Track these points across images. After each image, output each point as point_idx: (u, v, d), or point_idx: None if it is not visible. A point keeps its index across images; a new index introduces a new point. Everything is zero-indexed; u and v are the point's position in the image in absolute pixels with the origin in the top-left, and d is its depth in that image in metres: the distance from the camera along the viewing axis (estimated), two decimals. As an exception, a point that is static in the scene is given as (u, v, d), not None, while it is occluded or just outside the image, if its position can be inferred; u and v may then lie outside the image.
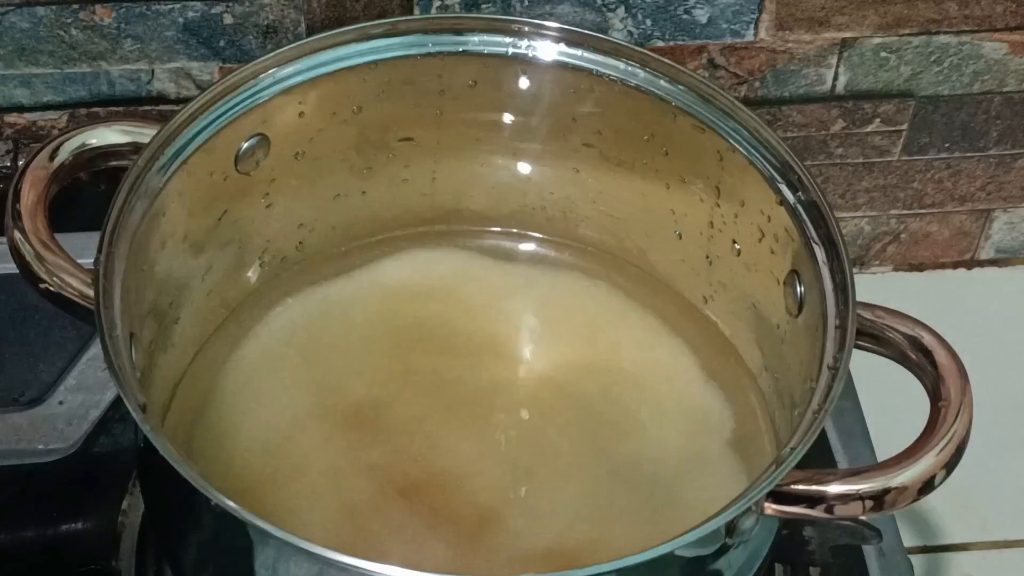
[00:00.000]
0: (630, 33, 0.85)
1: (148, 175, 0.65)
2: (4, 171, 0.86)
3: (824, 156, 0.92)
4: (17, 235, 0.62)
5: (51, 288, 0.62)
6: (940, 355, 0.61)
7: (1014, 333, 0.96)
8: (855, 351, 0.61)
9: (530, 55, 0.72)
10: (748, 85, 0.88)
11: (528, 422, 0.71)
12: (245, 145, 0.69)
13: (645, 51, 0.71)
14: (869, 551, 0.73)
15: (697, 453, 0.71)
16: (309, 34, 0.83)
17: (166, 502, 0.61)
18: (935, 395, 0.60)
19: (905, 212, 0.96)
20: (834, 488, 0.58)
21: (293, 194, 0.74)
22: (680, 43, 0.85)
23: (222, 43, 0.83)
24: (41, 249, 0.62)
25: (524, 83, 0.73)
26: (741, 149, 0.69)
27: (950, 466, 0.59)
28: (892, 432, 0.71)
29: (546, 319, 0.77)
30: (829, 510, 0.58)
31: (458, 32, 0.72)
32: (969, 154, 0.93)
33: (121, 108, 0.85)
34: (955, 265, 1.00)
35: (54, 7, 0.80)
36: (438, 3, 0.83)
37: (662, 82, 0.70)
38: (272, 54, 0.69)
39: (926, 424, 0.59)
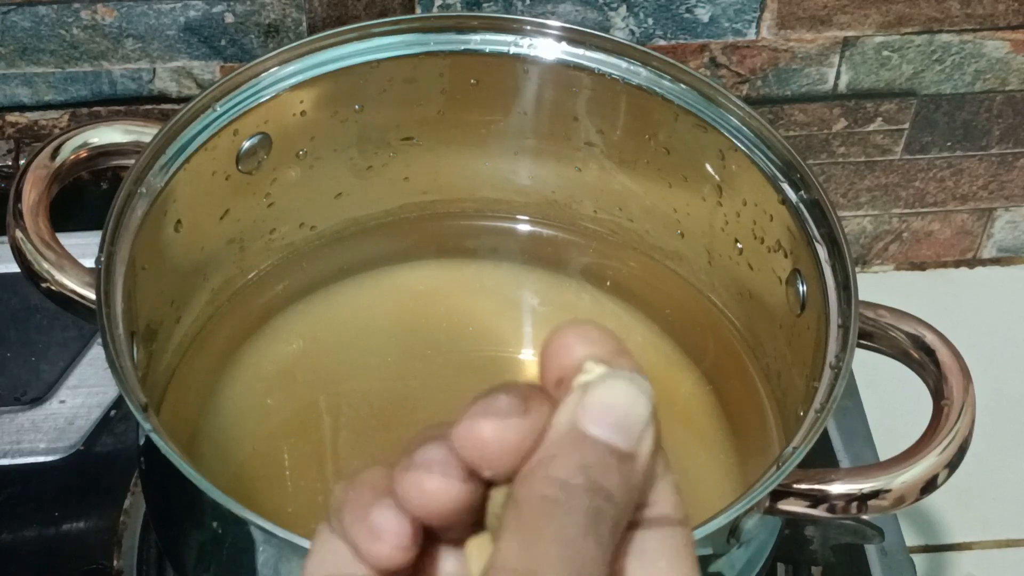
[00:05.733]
0: (632, 32, 0.85)
1: (149, 174, 0.65)
2: (6, 170, 0.86)
3: (826, 155, 0.92)
4: (19, 234, 0.62)
5: (53, 287, 0.62)
6: (942, 354, 0.61)
7: (1016, 332, 0.96)
8: (857, 350, 0.61)
9: (532, 54, 0.72)
10: (750, 84, 0.88)
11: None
12: (247, 144, 0.69)
13: (647, 50, 0.70)
14: (871, 550, 0.73)
15: (698, 453, 0.71)
16: (310, 33, 0.83)
17: (168, 501, 0.61)
18: (937, 394, 0.60)
19: (907, 211, 0.96)
20: (836, 487, 0.58)
21: (295, 193, 0.74)
22: (682, 42, 0.85)
23: (223, 42, 0.83)
24: (43, 248, 0.62)
25: (526, 82, 0.73)
26: (743, 148, 0.68)
27: (952, 465, 0.58)
28: (894, 431, 0.71)
29: (548, 320, 0.77)
30: (831, 509, 0.58)
31: (460, 31, 0.72)
32: (971, 153, 0.93)
33: (122, 107, 0.85)
34: (957, 264, 1.00)
35: (56, 6, 0.80)
36: (440, 2, 0.83)
37: (664, 81, 0.70)
38: (273, 53, 0.68)
39: (928, 423, 0.59)
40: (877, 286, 0.97)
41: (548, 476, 0.30)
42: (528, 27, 0.71)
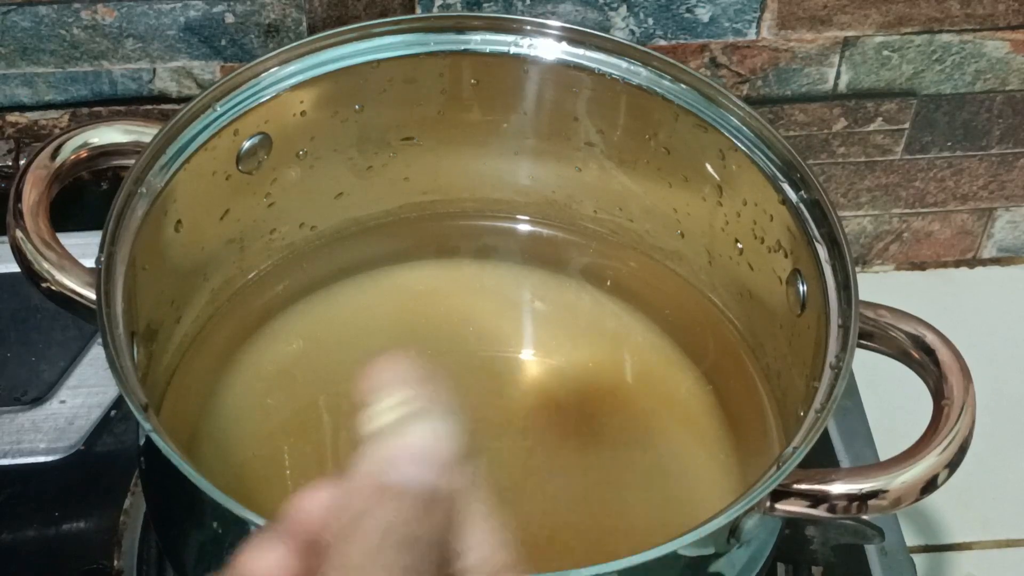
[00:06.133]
0: (632, 32, 0.85)
1: (150, 174, 0.65)
2: (6, 170, 0.86)
3: (826, 155, 0.92)
4: (19, 234, 0.62)
5: (53, 287, 0.62)
6: (943, 354, 0.61)
7: (1016, 332, 0.96)
8: (857, 350, 0.61)
9: (532, 54, 0.72)
10: (750, 84, 0.88)
11: (530, 424, 0.71)
12: (247, 144, 0.69)
13: (647, 50, 0.70)
14: (871, 550, 0.73)
15: (698, 452, 0.71)
16: (310, 33, 0.83)
17: (168, 501, 0.61)
18: (938, 394, 0.60)
19: (907, 211, 0.96)
20: (836, 487, 0.58)
21: (295, 193, 0.74)
22: (682, 42, 0.85)
23: (224, 42, 0.83)
24: (43, 248, 0.62)
25: (526, 82, 0.73)
26: (743, 148, 0.68)
27: (953, 465, 0.58)
28: (895, 431, 0.71)
29: (548, 320, 0.77)
30: (831, 509, 0.58)
31: (460, 31, 0.72)
32: (971, 153, 0.93)
33: (123, 107, 0.85)
34: (957, 264, 1.00)
35: (56, 6, 0.80)
36: (440, 2, 0.83)
37: (664, 81, 0.70)
38: (273, 53, 0.68)
39: (929, 423, 0.59)
40: (877, 286, 0.97)
41: (360, 545, 0.30)
42: (528, 27, 0.71)
